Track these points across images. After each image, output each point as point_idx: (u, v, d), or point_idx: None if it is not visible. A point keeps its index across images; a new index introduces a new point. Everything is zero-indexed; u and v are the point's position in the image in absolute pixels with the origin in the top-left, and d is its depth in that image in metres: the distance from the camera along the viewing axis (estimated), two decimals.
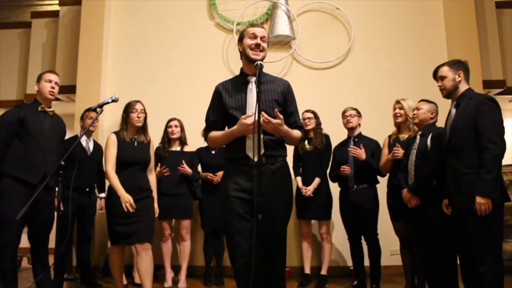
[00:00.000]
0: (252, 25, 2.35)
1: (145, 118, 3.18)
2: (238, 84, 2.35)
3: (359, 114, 3.78)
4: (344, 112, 3.79)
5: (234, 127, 2.20)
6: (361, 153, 3.54)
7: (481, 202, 2.35)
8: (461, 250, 2.58)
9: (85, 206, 3.76)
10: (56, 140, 3.10)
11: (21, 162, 2.84)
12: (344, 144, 3.80)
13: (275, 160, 2.24)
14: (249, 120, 2.11)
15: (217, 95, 2.39)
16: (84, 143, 3.79)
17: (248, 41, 2.28)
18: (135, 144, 3.11)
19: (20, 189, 2.68)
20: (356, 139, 3.72)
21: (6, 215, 2.62)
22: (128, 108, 3.16)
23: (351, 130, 3.76)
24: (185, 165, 3.87)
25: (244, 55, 2.31)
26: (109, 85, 4.95)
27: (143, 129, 3.20)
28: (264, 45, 2.28)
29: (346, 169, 3.59)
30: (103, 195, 4.02)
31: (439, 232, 2.81)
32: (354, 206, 3.60)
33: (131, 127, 3.15)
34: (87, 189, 3.78)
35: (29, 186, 2.75)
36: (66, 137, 3.32)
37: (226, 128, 2.33)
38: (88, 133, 3.88)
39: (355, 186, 3.61)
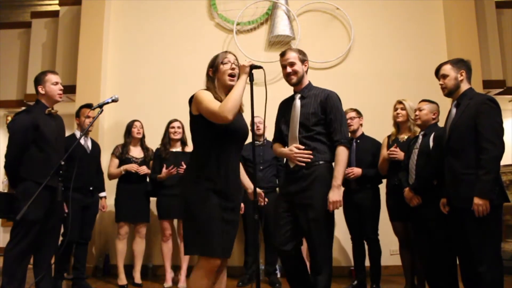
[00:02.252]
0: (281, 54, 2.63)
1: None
2: (290, 100, 2.63)
3: (359, 115, 3.77)
4: None
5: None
6: (356, 172, 3.55)
7: (479, 203, 2.34)
8: (460, 250, 2.59)
9: (89, 206, 3.72)
10: (63, 140, 3.13)
11: (40, 167, 2.87)
12: None
13: (310, 165, 2.46)
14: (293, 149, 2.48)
15: (278, 111, 2.74)
16: (82, 142, 3.73)
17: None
18: None
19: (41, 192, 2.68)
20: (358, 140, 3.72)
21: (28, 217, 2.68)
22: (217, 59, 2.23)
23: (352, 132, 3.76)
24: (185, 167, 3.87)
25: None
26: (109, 85, 4.95)
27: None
28: (294, 68, 2.55)
29: (349, 173, 3.57)
30: (103, 194, 4.00)
31: (439, 232, 2.81)
32: (357, 206, 3.60)
33: (222, 88, 2.19)
34: (91, 188, 3.74)
35: (50, 189, 2.79)
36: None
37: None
38: (86, 132, 3.84)
39: (357, 186, 3.62)
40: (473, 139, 2.45)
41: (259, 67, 2.16)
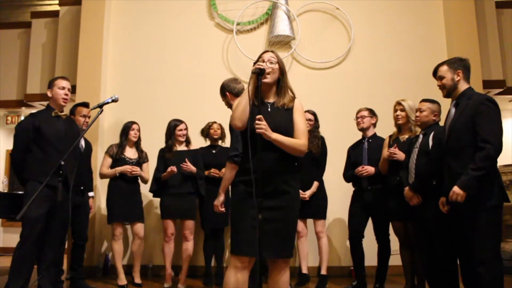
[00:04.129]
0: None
1: (283, 73, 2.24)
2: None
3: (372, 115, 3.75)
4: (357, 113, 3.78)
5: None
6: (370, 170, 3.56)
7: (457, 192, 2.40)
8: (460, 250, 2.58)
9: (80, 205, 3.68)
10: (73, 141, 3.13)
11: (41, 167, 2.98)
12: (358, 145, 3.79)
13: None
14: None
15: None
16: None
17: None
18: (269, 109, 2.19)
19: (44, 191, 2.76)
20: (370, 140, 3.72)
21: (29, 215, 2.78)
22: (256, 60, 2.27)
23: (363, 130, 3.75)
24: (188, 163, 3.86)
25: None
26: (109, 85, 4.94)
27: (281, 90, 2.24)
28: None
29: (362, 170, 3.58)
30: (91, 194, 3.97)
31: (439, 232, 2.81)
32: (368, 206, 3.59)
33: (265, 87, 2.21)
34: (81, 188, 3.73)
35: (52, 188, 2.88)
36: None
37: None
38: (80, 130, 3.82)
39: (369, 186, 3.61)
40: (471, 139, 2.44)
41: (256, 72, 2.11)
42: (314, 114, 3.98)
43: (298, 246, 4.07)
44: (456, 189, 2.41)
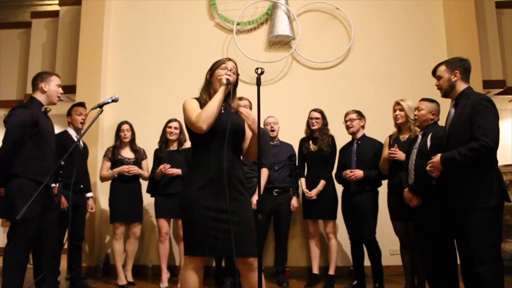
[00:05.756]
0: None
1: (237, 81, 2.36)
2: None
3: (360, 117, 3.76)
4: (345, 116, 3.78)
5: None
6: (358, 174, 3.57)
7: (435, 162, 2.56)
8: (460, 250, 2.58)
9: (78, 205, 3.69)
10: (53, 138, 3.13)
11: (37, 165, 2.86)
12: (348, 147, 3.80)
13: None
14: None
15: None
16: (76, 139, 3.71)
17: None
18: (222, 111, 2.27)
19: (37, 190, 2.65)
20: (359, 142, 3.72)
21: (25, 215, 2.60)
22: (216, 64, 2.36)
23: (353, 133, 3.76)
24: (168, 168, 3.84)
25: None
26: (109, 85, 4.95)
27: (233, 97, 2.33)
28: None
29: (350, 175, 3.59)
30: (90, 194, 3.97)
31: (439, 232, 2.81)
32: (355, 208, 3.61)
33: (214, 92, 2.34)
34: (81, 187, 3.73)
35: (45, 187, 2.75)
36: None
37: None
38: (78, 130, 3.78)
39: (356, 188, 3.62)
40: (470, 139, 2.44)
41: (228, 83, 2.24)
42: (321, 112, 4.00)
43: (310, 246, 4.09)
44: (436, 159, 2.55)
